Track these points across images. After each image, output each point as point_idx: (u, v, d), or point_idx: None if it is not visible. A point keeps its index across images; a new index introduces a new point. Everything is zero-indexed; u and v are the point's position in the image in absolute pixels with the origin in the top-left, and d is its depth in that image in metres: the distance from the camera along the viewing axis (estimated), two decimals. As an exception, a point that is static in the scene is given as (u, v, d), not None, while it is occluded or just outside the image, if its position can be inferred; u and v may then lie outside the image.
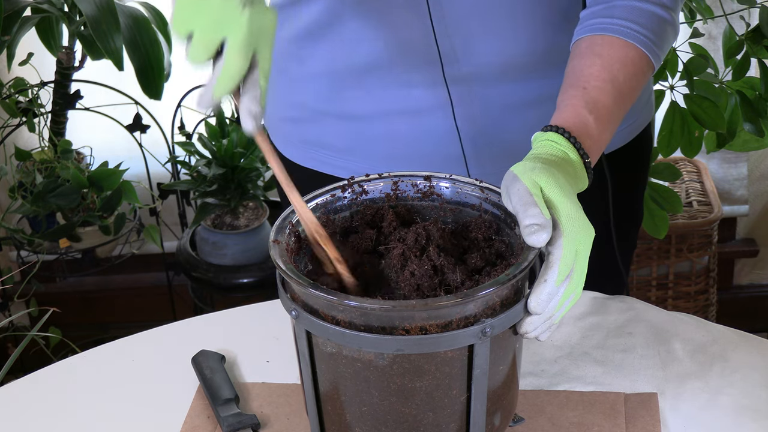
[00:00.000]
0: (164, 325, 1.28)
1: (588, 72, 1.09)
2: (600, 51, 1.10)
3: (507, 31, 1.21)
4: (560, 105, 1.07)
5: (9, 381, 1.23)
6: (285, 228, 0.99)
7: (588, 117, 1.05)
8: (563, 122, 1.04)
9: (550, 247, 0.92)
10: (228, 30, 0.92)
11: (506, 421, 1.00)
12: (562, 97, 1.08)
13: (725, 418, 1.08)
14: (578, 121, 1.04)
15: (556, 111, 1.07)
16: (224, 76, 0.92)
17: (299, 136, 1.36)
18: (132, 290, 2.75)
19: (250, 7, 0.92)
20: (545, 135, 1.02)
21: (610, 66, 1.09)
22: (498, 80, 1.24)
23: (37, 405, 1.16)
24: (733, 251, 2.70)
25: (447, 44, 1.21)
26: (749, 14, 2.00)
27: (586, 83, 1.08)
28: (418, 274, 0.94)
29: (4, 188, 2.41)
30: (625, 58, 1.10)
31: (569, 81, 1.09)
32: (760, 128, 1.88)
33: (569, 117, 1.04)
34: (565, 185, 0.95)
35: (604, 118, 1.06)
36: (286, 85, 1.35)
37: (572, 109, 1.05)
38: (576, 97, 1.07)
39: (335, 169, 1.34)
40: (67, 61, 2.21)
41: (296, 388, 1.14)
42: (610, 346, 1.19)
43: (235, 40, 0.91)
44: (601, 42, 1.11)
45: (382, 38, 1.22)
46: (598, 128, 1.05)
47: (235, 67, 0.91)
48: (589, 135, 1.04)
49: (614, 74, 1.09)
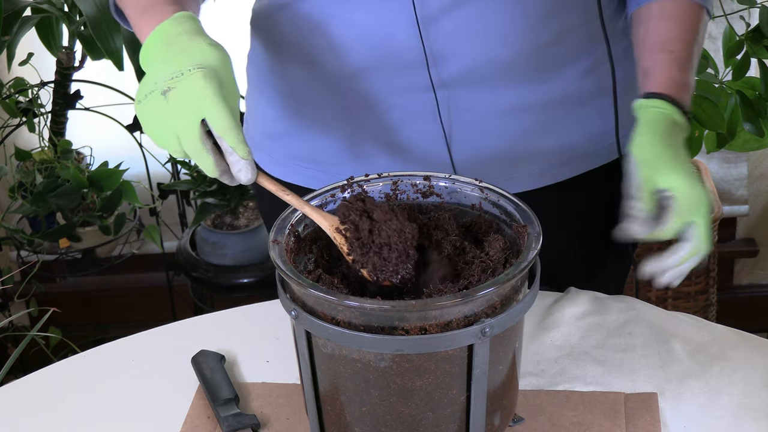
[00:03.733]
0: (164, 325, 1.28)
1: (669, 35, 1.19)
2: (672, 13, 1.20)
3: (492, 31, 1.19)
4: (652, 70, 1.17)
5: (9, 381, 1.23)
6: (285, 228, 0.99)
7: (681, 76, 1.17)
8: (662, 87, 1.15)
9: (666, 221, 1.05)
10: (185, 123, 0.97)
11: (506, 421, 1.00)
12: (651, 62, 1.18)
13: (725, 418, 1.08)
14: (674, 84, 1.15)
15: (648, 75, 1.17)
16: (200, 163, 0.98)
17: (280, 150, 1.35)
18: (132, 290, 2.75)
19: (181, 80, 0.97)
20: (650, 102, 1.14)
21: (687, 26, 1.20)
22: (483, 84, 1.23)
23: (37, 405, 1.16)
24: (733, 251, 2.69)
25: (430, 47, 1.20)
26: (749, 14, 2.00)
27: (671, 45, 1.18)
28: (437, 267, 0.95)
29: (4, 188, 2.41)
30: (695, 17, 1.20)
31: (652, 45, 1.19)
32: (760, 128, 1.88)
33: (665, 83, 1.15)
34: (675, 164, 1.07)
35: (691, 71, 1.19)
36: (267, 100, 1.34)
37: (666, 74, 1.16)
38: (666, 61, 1.17)
39: (320, 183, 1.32)
40: (67, 61, 2.21)
41: (296, 388, 1.14)
42: (610, 345, 1.19)
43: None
44: (669, 5, 1.20)
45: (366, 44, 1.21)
46: (689, 82, 1.18)
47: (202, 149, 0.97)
48: (685, 91, 1.16)
49: (691, 34, 1.19)
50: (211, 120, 0.96)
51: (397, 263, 0.95)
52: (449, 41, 1.19)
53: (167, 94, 0.96)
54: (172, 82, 0.97)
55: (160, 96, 0.97)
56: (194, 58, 0.98)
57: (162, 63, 1.00)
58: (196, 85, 0.96)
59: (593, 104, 1.29)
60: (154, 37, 1.03)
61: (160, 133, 0.98)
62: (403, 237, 0.96)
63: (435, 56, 1.20)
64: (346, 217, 0.97)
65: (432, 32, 1.18)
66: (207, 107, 0.95)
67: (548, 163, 1.30)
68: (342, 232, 0.97)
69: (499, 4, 1.18)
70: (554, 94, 1.25)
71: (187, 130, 0.96)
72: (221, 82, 0.98)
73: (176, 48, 1.00)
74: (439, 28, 1.18)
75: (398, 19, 1.18)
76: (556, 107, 1.26)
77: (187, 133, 0.96)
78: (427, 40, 1.18)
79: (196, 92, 0.96)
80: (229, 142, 0.96)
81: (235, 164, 0.97)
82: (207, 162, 0.97)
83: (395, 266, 0.95)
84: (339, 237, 0.97)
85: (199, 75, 0.96)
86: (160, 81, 0.97)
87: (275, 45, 1.29)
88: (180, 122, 0.96)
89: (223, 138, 0.96)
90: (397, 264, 0.95)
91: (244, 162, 0.97)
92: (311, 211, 0.99)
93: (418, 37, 1.18)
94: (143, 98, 0.99)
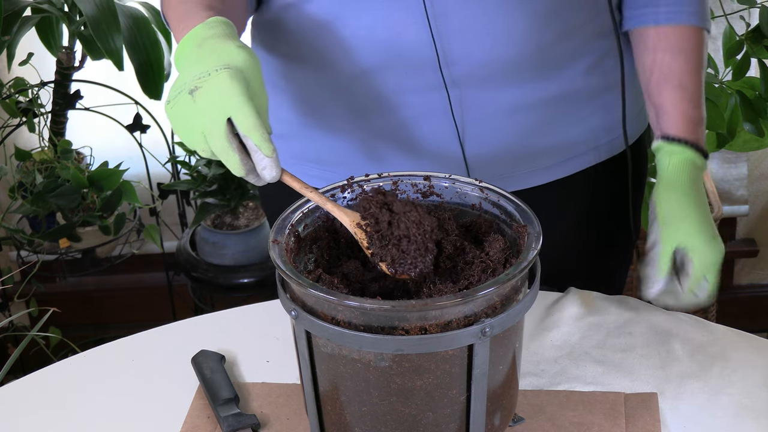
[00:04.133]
0: (164, 325, 1.28)
1: (676, 68, 1.22)
2: (676, 43, 1.23)
3: (499, 30, 1.20)
4: (666, 108, 1.22)
5: (9, 381, 1.23)
6: (285, 228, 0.99)
7: (695, 113, 1.22)
8: (681, 130, 1.20)
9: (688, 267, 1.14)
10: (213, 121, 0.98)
11: (506, 421, 1.00)
12: (663, 99, 1.22)
13: (725, 418, 1.08)
14: (691, 123, 1.21)
15: (663, 114, 1.22)
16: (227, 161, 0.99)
17: (288, 151, 1.35)
18: (132, 290, 2.75)
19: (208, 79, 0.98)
20: (672, 148, 1.19)
21: (691, 55, 1.23)
22: (490, 82, 1.23)
23: (37, 405, 1.16)
24: (733, 251, 2.69)
25: (441, 46, 1.20)
26: (749, 14, 2.00)
27: (680, 80, 1.22)
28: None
29: (4, 188, 2.41)
30: (697, 42, 1.24)
31: (662, 79, 1.23)
32: (760, 128, 1.88)
33: (683, 123, 1.21)
34: (697, 224, 1.15)
35: (702, 105, 1.23)
36: (274, 102, 1.34)
37: (681, 113, 1.21)
38: (679, 99, 1.22)
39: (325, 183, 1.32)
40: (67, 61, 2.21)
41: (296, 388, 1.14)
42: (610, 345, 1.19)
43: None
44: (671, 33, 1.23)
45: (374, 44, 1.21)
46: (701, 117, 1.23)
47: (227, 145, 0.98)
48: (701, 129, 1.22)
49: (696, 62, 1.23)
50: (236, 119, 0.97)
51: (415, 255, 0.95)
52: (458, 40, 1.19)
53: (194, 93, 0.98)
54: (199, 82, 0.98)
55: (188, 95, 0.98)
56: (222, 59, 1.00)
57: (192, 64, 1.01)
58: (223, 84, 0.97)
59: (600, 98, 1.29)
60: (187, 40, 1.05)
61: (187, 132, 1.00)
62: (422, 229, 0.96)
63: (445, 55, 1.20)
64: (367, 210, 0.97)
65: (442, 31, 1.18)
66: (232, 106, 0.97)
67: (558, 157, 1.31)
68: (363, 227, 0.97)
69: (505, 4, 1.18)
70: (562, 90, 1.26)
71: (213, 128, 0.97)
72: (248, 83, 0.99)
73: (206, 50, 1.02)
74: (449, 26, 1.18)
75: (407, 19, 1.18)
76: (565, 102, 1.27)
77: (213, 132, 0.97)
78: (438, 39, 1.19)
79: (222, 92, 0.97)
80: (254, 140, 0.97)
81: (260, 162, 0.98)
82: (233, 161, 0.98)
83: (414, 258, 0.95)
84: (360, 232, 0.98)
85: (226, 75, 0.98)
86: (188, 81, 0.99)
87: (281, 46, 1.29)
88: (206, 121, 0.97)
89: (249, 137, 0.97)
90: (416, 257, 0.95)
91: (269, 160, 0.98)
92: (333, 208, 1.00)
93: (427, 36, 1.19)
94: (173, 98, 1.00)
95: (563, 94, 1.27)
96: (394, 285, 0.98)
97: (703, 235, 1.14)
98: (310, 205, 1.03)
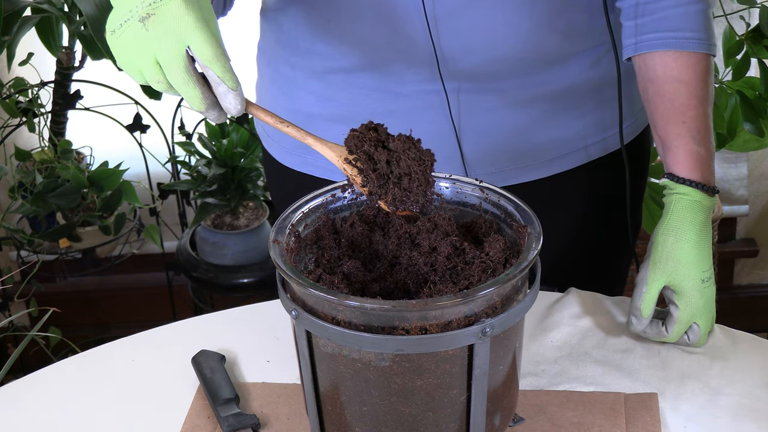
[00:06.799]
0: (164, 325, 1.28)
1: (678, 101, 1.17)
2: (678, 75, 1.17)
3: (500, 30, 1.20)
4: (669, 145, 1.17)
5: (9, 381, 1.23)
6: (285, 228, 0.99)
7: (699, 149, 1.16)
8: (684, 170, 1.16)
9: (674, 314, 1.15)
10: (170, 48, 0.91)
11: (506, 421, 1.00)
12: (668, 134, 1.17)
13: (725, 418, 1.08)
14: (694, 161, 1.16)
15: (670, 151, 1.17)
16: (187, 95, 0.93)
17: (294, 140, 1.35)
18: (132, 290, 2.75)
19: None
20: (679, 189, 1.15)
21: (694, 87, 1.18)
22: (490, 80, 1.23)
23: (37, 405, 1.16)
24: (733, 251, 2.69)
25: (440, 41, 1.20)
26: (749, 14, 2.00)
27: (682, 115, 1.17)
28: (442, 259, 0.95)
29: (4, 188, 2.41)
30: (700, 71, 1.18)
31: (667, 113, 1.18)
32: (760, 128, 1.88)
33: (687, 161, 1.16)
34: (690, 271, 1.13)
35: (707, 139, 1.18)
36: (279, 91, 1.34)
37: (684, 150, 1.16)
38: (682, 136, 1.17)
39: (331, 173, 1.33)
40: (67, 61, 2.21)
41: (296, 388, 1.14)
42: (610, 346, 1.19)
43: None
44: (673, 63, 1.17)
45: (377, 38, 1.22)
46: (708, 152, 1.17)
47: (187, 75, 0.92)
48: (706, 165, 1.16)
49: (700, 93, 1.18)
50: (195, 48, 0.91)
51: (418, 192, 0.94)
52: (458, 39, 1.19)
53: (146, 21, 0.91)
54: (150, 9, 0.91)
55: (138, 23, 0.91)
56: None
57: None
58: (178, 10, 0.91)
59: (599, 95, 1.29)
60: None
61: (139, 63, 0.92)
62: (423, 166, 0.94)
63: (444, 53, 1.20)
64: (358, 148, 0.95)
65: (442, 30, 1.19)
66: (191, 34, 0.90)
67: (556, 152, 1.31)
68: (352, 163, 0.96)
69: (507, 4, 1.18)
70: (561, 86, 1.26)
71: (170, 59, 0.91)
72: (200, 5, 0.93)
73: None
74: (449, 26, 1.19)
75: (408, 17, 1.18)
76: (563, 98, 1.27)
77: (171, 63, 0.91)
78: (436, 38, 1.19)
79: (179, 18, 0.90)
80: (216, 71, 0.91)
81: (224, 96, 0.93)
82: (193, 94, 0.92)
83: (416, 195, 0.94)
84: (349, 168, 0.96)
85: (180, 0, 0.91)
86: (136, 8, 0.91)
87: (286, 37, 1.29)
88: (162, 50, 0.91)
89: (210, 68, 0.91)
90: (418, 193, 0.95)
91: (233, 93, 0.93)
92: (315, 142, 0.98)
93: (427, 34, 1.19)
94: (118, 27, 0.92)
95: (562, 90, 1.27)
96: (394, 285, 0.98)
97: (691, 280, 1.13)
98: (310, 205, 1.03)
